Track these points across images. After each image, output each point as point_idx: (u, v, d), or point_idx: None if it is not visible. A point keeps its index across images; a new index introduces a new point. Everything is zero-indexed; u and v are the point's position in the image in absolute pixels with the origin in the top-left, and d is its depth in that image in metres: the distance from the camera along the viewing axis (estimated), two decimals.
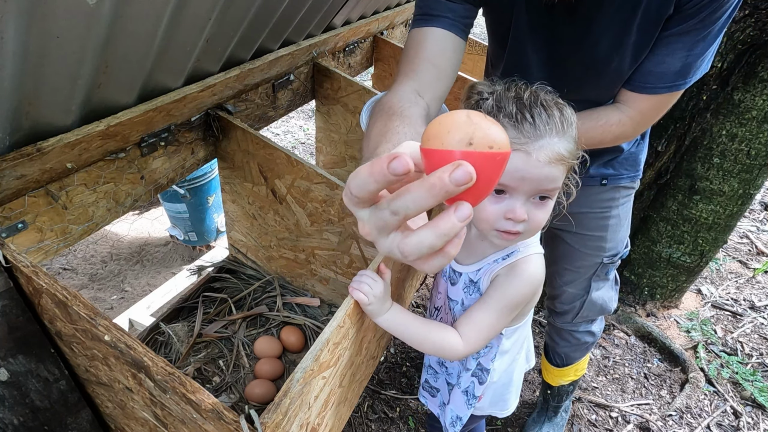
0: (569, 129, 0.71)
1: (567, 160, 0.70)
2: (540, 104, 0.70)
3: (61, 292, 0.69)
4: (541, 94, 0.73)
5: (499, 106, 0.71)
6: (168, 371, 0.63)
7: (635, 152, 1.13)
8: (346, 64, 1.85)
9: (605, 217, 1.18)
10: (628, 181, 1.15)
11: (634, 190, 1.20)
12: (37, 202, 0.84)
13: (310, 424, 0.76)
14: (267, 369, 1.20)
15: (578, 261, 1.25)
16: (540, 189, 0.70)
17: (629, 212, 1.23)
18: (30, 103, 0.71)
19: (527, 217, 0.71)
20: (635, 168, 1.15)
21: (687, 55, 0.81)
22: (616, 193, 1.16)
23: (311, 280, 1.41)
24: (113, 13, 0.67)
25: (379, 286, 0.78)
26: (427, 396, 1.14)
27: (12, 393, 0.81)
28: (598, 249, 1.22)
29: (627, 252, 1.26)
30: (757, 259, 2.48)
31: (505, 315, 0.80)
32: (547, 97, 0.72)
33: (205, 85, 1.03)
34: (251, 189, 1.31)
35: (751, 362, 1.91)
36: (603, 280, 1.28)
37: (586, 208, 1.16)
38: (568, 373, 1.47)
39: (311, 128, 3.90)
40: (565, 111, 0.72)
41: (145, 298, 2.01)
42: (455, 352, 0.79)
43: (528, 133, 0.68)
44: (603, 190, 1.15)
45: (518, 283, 0.78)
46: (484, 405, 1.02)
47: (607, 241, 1.21)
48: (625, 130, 0.92)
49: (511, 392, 1.02)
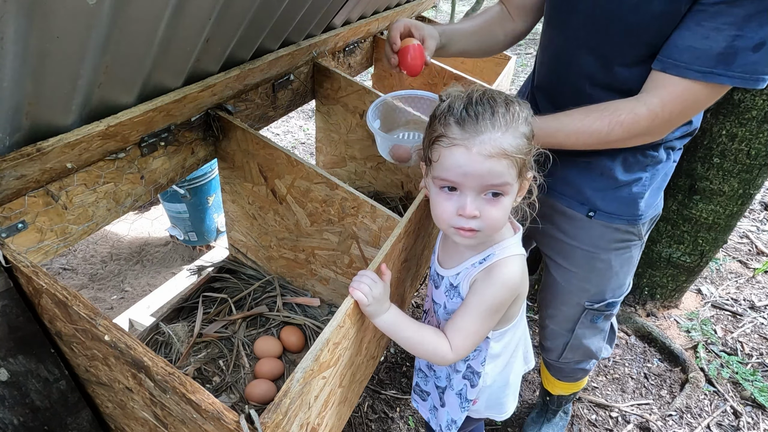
0: (515, 124, 0.69)
1: (511, 155, 0.69)
2: (486, 101, 0.70)
3: (61, 292, 0.69)
4: (494, 93, 0.72)
5: (450, 107, 0.72)
6: (168, 371, 0.63)
7: (636, 192, 0.95)
8: (346, 64, 1.85)
9: (592, 257, 1.05)
10: (624, 223, 0.99)
11: (639, 241, 1.03)
12: (37, 202, 0.84)
13: (310, 424, 0.76)
14: (267, 369, 1.20)
15: (561, 296, 1.15)
16: (486, 184, 0.70)
17: (630, 262, 1.07)
18: (30, 103, 0.71)
19: (479, 213, 0.71)
20: (631, 210, 0.98)
21: (735, 36, 0.66)
22: (607, 234, 1.02)
23: (311, 280, 1.41)
24: (113, 13, 0.67)
25: (378, 287, 0.78)
26: (418, 400, 1.13)
27: (12, 393, 0.81)
28: (581, 290, 1.11)
29: (620, 300, 1.14)
30: (757, 259, 2.48)
31: (487, 319, 0.79)
32: (495, 94, 0.71)
33: (205, 85, 1.03)
34: (251, 189, 1.31)
35: (751, 362, 1.91)
36: (590, 329, 1.17)
37: (571, 239, 1.07)
38: (569, 387, 1.44)
39: (311, 128, 3.90)
40: (513, 107, 0.70)
41: (145, 298, 2.01)
42: (444, 358, 0.80)
43: (470, 129, 0.69)
44: (591, 225, 1.02)
45: (494, 287, 0.78)
46: (480, 408, 1.01)
47: (591, 284, 1.09)
48: (639, 123, 0.79)
49: (508, 396, 1.01)
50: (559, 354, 1.25)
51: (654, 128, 0.80)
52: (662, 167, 0.98)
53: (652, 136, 0.83)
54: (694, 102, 0.75)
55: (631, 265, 1.10)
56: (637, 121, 0.79)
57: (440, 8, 7.57)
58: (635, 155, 0.95)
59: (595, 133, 0.82)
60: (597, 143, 0.85)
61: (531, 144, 0.72)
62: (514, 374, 1.00)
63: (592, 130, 0.82)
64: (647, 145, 0.92)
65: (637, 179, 0.96)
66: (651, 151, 0.94)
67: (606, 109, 0.82)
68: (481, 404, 1.00)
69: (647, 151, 0.94)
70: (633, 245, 1.06)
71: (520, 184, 0.75)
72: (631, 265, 1.10)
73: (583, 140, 0.85)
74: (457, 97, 0.73)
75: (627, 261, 1.07)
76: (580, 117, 0.85)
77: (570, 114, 0.86)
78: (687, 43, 0.71)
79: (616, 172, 0.96)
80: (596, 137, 0.83)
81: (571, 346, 1.21)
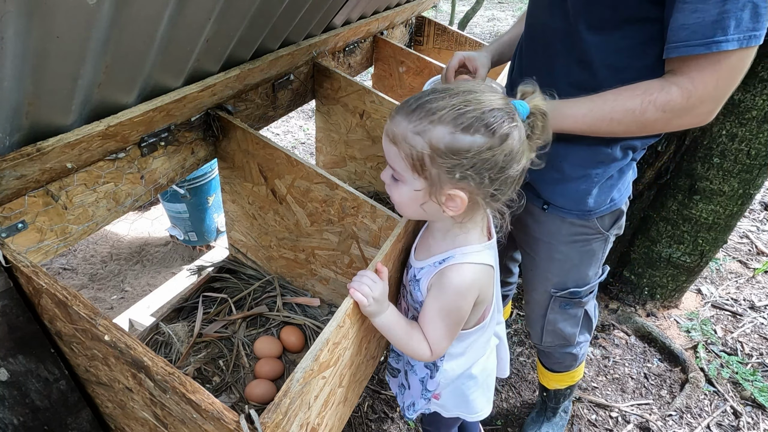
0: (426, 125, 0.67)
1: (397, 141, 0.70)
2: (437, 90, 0.71)
3: (61, 292, 0.70)
4: (456, 94, 0.69)
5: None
6: (168, 371, 0.63)
7: (583, 188, 0.97)
8: (346, 63, 1.85)
9: (550, 248, 1.09)
10: (575, 217, 1.01)
11: (599, 236, 1.05)
12: (37, 202, 0.84)
13: (310, 424, 0.76)
14: (267, 369, 1.20)
15: (531, 282, 1.21)
16: (388, 162, 0.75)
17: (591, 256, 1.09)
18: (30, 103, 0.71)
19: (388, 183, 0.77)
20: (579, 206, 1.00)
21: (724, 1, 0.67)
22: (563, 228, 1.04)
23: (311, 280, 1.41)
24: (113, 12, 0.67)
25: (378, 287, 0.79)
26: (389, 376, 1.16)
27: (12, 393, 0.81)
28: (544, 278, 1.15)
29: (586, 290, 1.15)
30: (757, 259, 2.48)
31: (451, 324, 0.81)
32: (451, 86, 0.71)
33: (205, 85, 1.03)
34: (251, 189, 1.31)
35: (751, 362, 1.91)
36: (561, 314, 1.21)
37: (533, 231, 1.11)
38: (563, 378, 1.45)
39: (311, 128, 3.90)
40: (439, 102, 0.67)
41: (145, 298, 2.01)
42: (422, 358, 0.85)
43: (398, 108, 0.73)
44: (547, 218, 1.05)
45: (445, 294, 0.79)
46: (447, 405, 1.02)
47: (552, 273, 1.13)
48: (673, 101, 0.76)
49: (476, 395, 1.00)
50: (539, 337, 1.30)
51: (691, 104, 0.76)
52: (616, 165, 0.96)
53: (699, 117, 0.78)
54: (718, 74, 0.73)
55: (593, 258, 1.10)
56: (670, 100, 0.76)
57: (440, 8, 7.57)
58: (586, 150, 0.94)
59: (629, 111, 0.80)
60: (633, 123, 0.81)
61: (438, 155, 0.68)
62: (483, 375, 0.99)
63: (626, 108, 0.80)
64: (600, 142, 0.92)
65: (584, 175, 0.96)
66: (605, 147, 0.93)
67: (637, 88, 0.80)
68: (447, 401, 1.01)
69: (600, 147, 0.93)
70: (593, 239, 1.06)
71: (430, 188, 0.71)
72: (593, 258, 1.10)
73: (618, 120, 0.82)
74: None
75: (587, 254, 1.09)
76: (612, 97, 0.81)
77: (602, 96, 0.83)
78: (679, 23, 0.72)
79: (564, 167, 0.97)
80: (631, 116, 0.80)
81: (546, 330, 1.26)
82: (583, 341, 1.32)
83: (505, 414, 1.69)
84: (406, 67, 2.06)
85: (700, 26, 0.70)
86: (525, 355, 1.91)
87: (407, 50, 2.01)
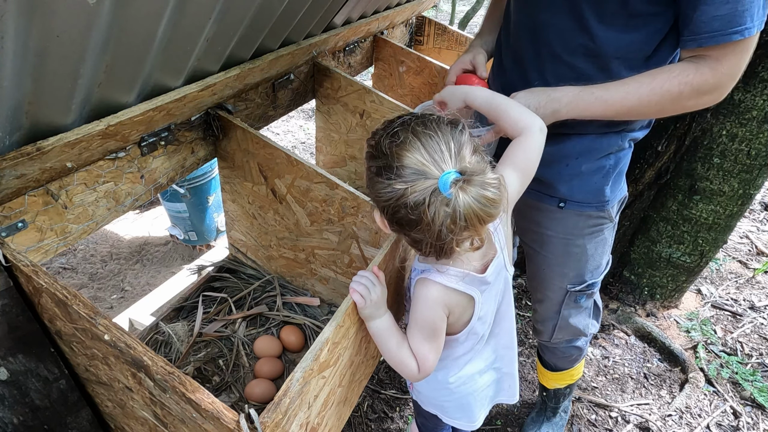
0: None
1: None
2: (406, 121, 0.74)
3: (60, 291, 0.70)
4: (420, 127, 0.70)
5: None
6: (168, 371, 0.64)
7: (602, 180, 1.02)
8: (346, 63, 1.85)
9: (567, 244, 1.11)
10: (593, 209, 1.05)
11: (610, 223, 1.10)
12: (37, 201, 0.84)
13: (309, 423, 0.76)
14: (267, 368, 1.20)
15: (544, 282, 1.21)
16: None
17: (604, 244, 1.13)
18: (30, 103, 0.71)
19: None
20: (598, 197, 1.04)
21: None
22: (580, 222, 1.08)
23: (311, 280, 1.41)
24: (113, 12, 0.67)
25: (377, 290, 0.79)
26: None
27: (12, 392, 0.81)
28: (561, 275, 1.16)
29: (600, 279, 1.19)
30: (757, 259, 2.48)
31: (430, 336, 0.81)
32: (418, 127, 0.71)
33: (205, 84, 1.03)
34: (251, 188, 1.31)
35: (750, 362, 1.91)
36: (575, 308, 1.23)
37: (546, 229, 1.11)
38: (562, 377, 1.46)
39: (311, 128, 3.90)
40: (403, 134, 0.70)
41: (145, 297, 2.01)
42: (413, 372, 0.83)
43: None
44: (563, 215, 1.07)
45: (417, 305, 0.80)
46: (422, 398, 1.04)
47: (569, 268, 1.15)
48: (707, 81, 0.82)
49: (449, 404, 1.01)
50: (550, 335, 1.30)
51: (721, 84, 0.83)
52: (624, 155, 1.03)
53: (722, 95, 0.85)
54: (741, 55, 0.80)
55: (606, 246, 1.15)
56: (705, 81, 0.82)
57: (440, 8, 7.56)
58: (599, 143, 0.99)
59: (667, 93, 0.84)
60: (668, 103, 0.85)
61: (373, 196, 0.73)
62: (465, 387, 0.98)
63: (664, 90, 0.84)
64: (612, 134, 0.98)
65: (600, 167, 1.01)
66: (616, 138, 0.99)
67: (671, 71, 0.84)
68: (421, 395, 1.04)
69: (612, 139, 0.99)
70: (605, 227, 1.10)
71: (382, 221, 0.75)
72: (605, 246, 1.15)
73: (655, 101, 0.85)
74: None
75: (601, 243, 1.13)
76: (648, 80, 0.85)
77: (636, 79, 0.86)
78: (711, 15, 0.76)
79: (580, 162, 1.00)
80: (668, 97, 0.84)
81: (560, 326, 1.27)
82: (593, 330, 1.33)
83: (505, 414, 1.69)
84: (406, 67, 2.06)
85: (733, 16, 0.75)
86: (524, 355, 1.91)
87: (407, 50, 2.01)
